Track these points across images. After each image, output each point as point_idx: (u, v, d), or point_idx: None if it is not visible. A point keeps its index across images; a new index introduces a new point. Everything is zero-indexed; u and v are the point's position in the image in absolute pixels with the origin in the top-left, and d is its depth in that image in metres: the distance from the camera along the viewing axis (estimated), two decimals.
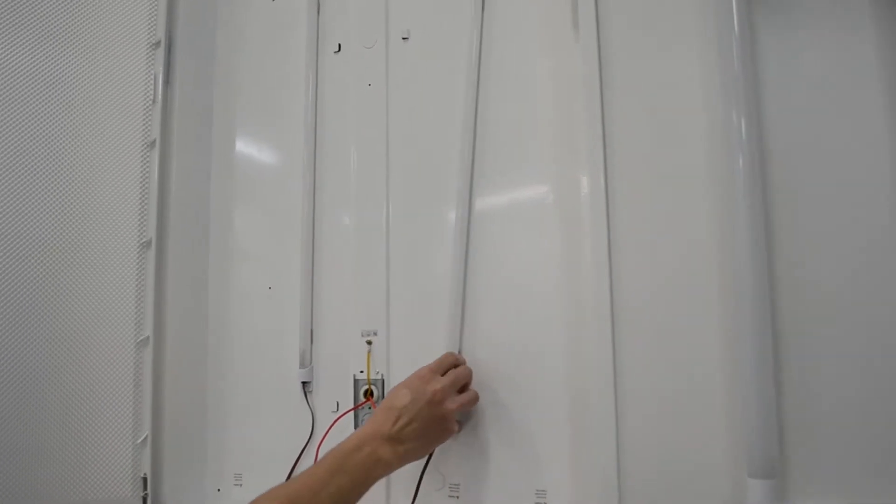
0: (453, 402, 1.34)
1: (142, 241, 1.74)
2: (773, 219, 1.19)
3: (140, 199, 1.76)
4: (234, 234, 1.88)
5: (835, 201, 1.17)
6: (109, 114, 1.75)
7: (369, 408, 1.59)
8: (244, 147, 1.91)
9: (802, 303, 1.17)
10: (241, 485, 1.75)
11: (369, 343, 1.62)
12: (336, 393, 1.66)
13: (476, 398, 1.44)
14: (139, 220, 1.75)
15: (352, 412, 1.61)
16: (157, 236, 1.75)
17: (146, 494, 1.68)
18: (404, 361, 1.59)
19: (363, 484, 1.22)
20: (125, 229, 1.74)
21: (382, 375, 1.61)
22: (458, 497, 1.50)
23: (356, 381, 1.63)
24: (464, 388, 1.43)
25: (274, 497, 1.15)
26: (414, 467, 1.49)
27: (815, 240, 1.17)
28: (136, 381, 1.70)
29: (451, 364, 1.42)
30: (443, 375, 1.37)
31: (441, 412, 1.31)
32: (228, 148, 1.92)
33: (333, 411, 1.64)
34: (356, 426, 1.61)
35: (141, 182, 1.76)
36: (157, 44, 1.82)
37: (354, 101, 1.73)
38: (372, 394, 1.60)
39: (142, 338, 1.71)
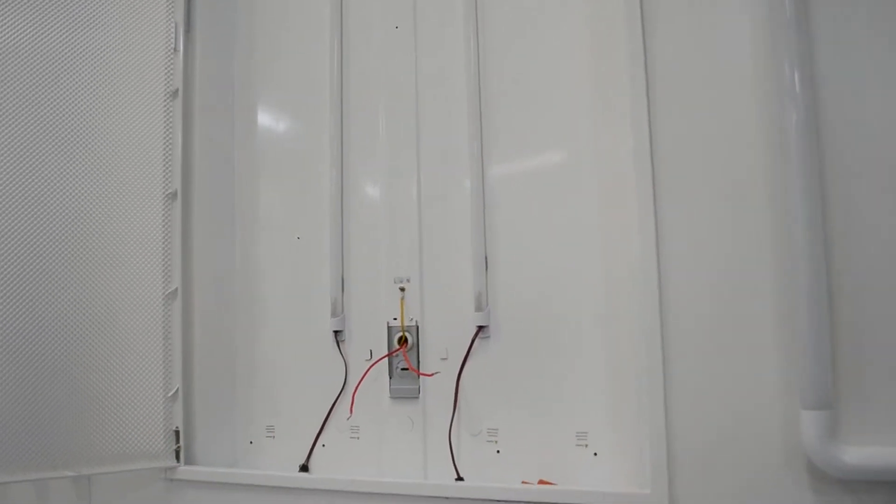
0: None
1: (167, 193, 1.71)
2: (827, 170, 1.15)
3: (164, 149, 1.72)
4: (259, 181, 1.84)
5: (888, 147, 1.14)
6: (131, 63, 1.71)
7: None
8: (268, 93, 1.87)
9: (856, 237, 1.14)
10: (273, 436, 1.74)
11: (402, 290, 1.60)
12: (369, 341, 1.63)
13: None
14: (164, 171, 1.72)
15: (385, 359, 1.59)
16: (183, 187, 1.72)
17: (179, 447, 1.67)
18: (438, 307, 1.57)
19: None
20: (150, 181, 1.71)
21: (416, 322, 1.58)
22: (495, 441, 1.48)
23: (390, 328, 1.61)
24: None
25: None
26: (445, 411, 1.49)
27: (868, 179, 1.14)
28: (166, 334, 1.68)
29: None
30: None
31: None
32: (252, 94, 1.88)
33: (367, 360, 1.62)
34: (391, 374, 1.59)
35: (164, 132, 1.73)
36: None
37: (381, 43, 1.69)
38: (406, 340, 1.58)
39: (170, 290, 1.69)
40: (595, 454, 1.39)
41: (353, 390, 1.60)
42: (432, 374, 1.54)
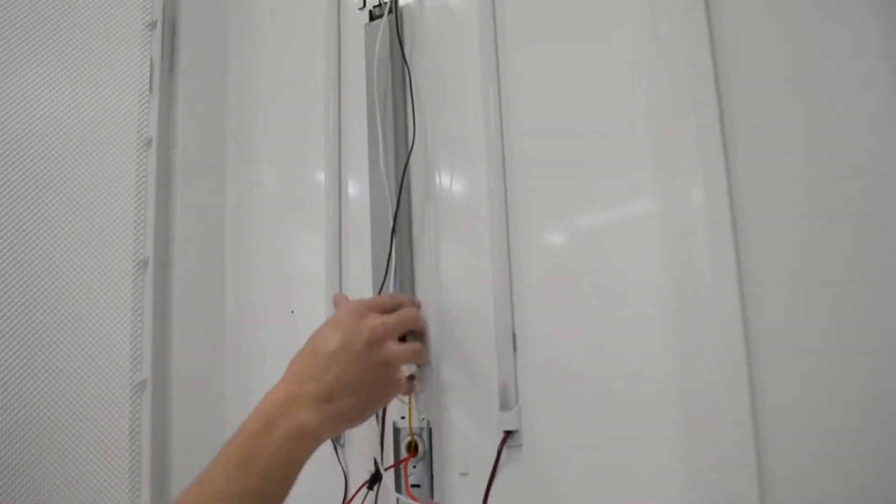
0: (398, 347, 0.97)
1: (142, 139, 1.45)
2: None
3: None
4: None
5: None
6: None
7: (413, 466, 1.17)
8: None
9: None
10: None
11: (412, 378, 1.19)
12: (374, 447, 1.24)
13: (422, 352, 1.10)
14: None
15: (392, 473, 1.19)
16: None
17: None
18: (457, 402, 1.17)
19: (284, 475, 0.81)
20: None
21: (429, 422, 1.18)
22: None
23: (397, 431, 1.21)
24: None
25: None
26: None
27: None
28: (133, 434, 1.36)
29: (393, 306, 1.04)
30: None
31: (383, 356, 0.93)
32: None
33: (371, 471, 1.22)
34: (398, 490, 1.19)
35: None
36: None
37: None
38: (416, 448, 1.17)
39: (137, 381, 1.36)
40: None
41: None
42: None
